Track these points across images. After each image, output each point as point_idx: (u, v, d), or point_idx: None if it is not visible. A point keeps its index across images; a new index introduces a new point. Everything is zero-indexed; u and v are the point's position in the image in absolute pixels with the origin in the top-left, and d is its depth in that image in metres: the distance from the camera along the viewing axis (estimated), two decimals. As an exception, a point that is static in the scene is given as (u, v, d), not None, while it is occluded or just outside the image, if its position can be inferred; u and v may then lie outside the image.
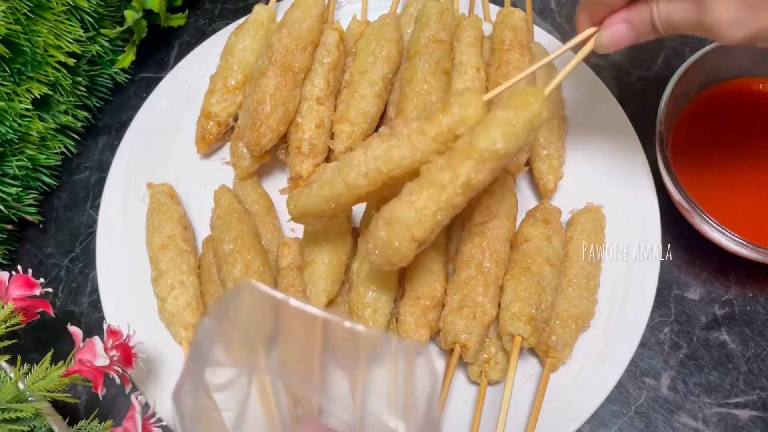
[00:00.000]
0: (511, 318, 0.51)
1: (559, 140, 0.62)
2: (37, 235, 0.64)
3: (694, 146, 0.60)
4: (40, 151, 0.62)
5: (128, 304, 0.58)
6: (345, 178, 0.48)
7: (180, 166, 0.64)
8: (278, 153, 0.63)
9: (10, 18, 0.54)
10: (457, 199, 0.45)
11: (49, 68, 0.59)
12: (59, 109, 0.63)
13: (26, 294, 0.49)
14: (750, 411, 0.55)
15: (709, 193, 0.57)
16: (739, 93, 0.62)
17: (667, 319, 0.58)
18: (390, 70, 0.63)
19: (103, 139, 0.68)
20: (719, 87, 0.62)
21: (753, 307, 0.59)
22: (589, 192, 0.61)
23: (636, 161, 0.62)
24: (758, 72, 0.62)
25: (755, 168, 0.59)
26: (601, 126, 0.64)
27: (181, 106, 0.66)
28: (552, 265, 0.55)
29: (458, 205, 0.46)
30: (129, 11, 0.65)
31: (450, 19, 0.64)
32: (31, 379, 0.45)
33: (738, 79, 0.62)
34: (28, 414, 0.45)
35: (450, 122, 0.46)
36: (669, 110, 0.58)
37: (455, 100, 0.46)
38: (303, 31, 0.62)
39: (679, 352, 0.57)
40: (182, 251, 0.57)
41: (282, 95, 0.60)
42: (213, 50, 0.68)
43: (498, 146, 0.44)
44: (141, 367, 0.52)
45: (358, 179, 0.47)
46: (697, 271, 0.60)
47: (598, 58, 0.70)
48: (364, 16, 0.70)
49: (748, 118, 0.61)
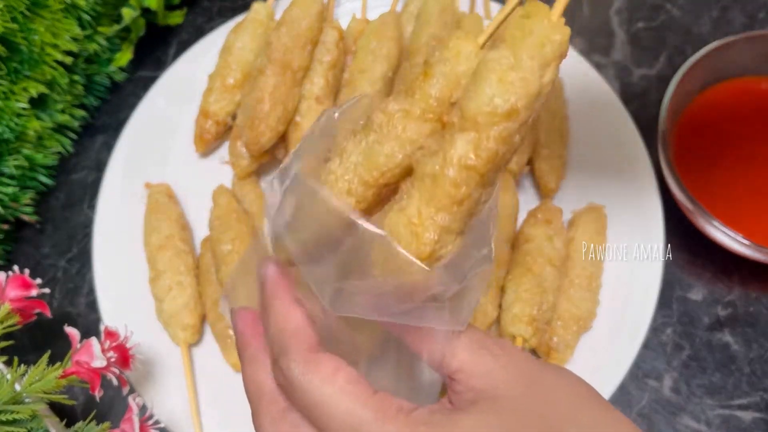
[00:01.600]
0: (513, 319, 0.51)
1: (561, 139, 0.62)
2: (34, 235, 0.63)
3: (698, 145, 0.60)
4: (37, 151, 0.61)
5: (126, 305, 0.57)
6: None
7: (178, 166, 0.64)
8: (277, 152, 0.63)
9: (7, 16, 0.54)
10: (464, 189, 0.30)
11: (46, 67, 0.59)
12: (56, 108, 0.62)
13: (23, 295, 0.48)
14: (753, 413, 0.54)
15: (712, 193, 0.57)
16: (743, 92, 0.61)
17: (669, 320, 0.58)
18: (390, 68, 0.62)
19: (101, 138, 0.67)
20: (723, 86, 0.61)
21: (756, 308, 0.58)
22: (591, 191, 0.61)
23: (638, 160, 0.61)
24: (763, 71, 0.61)
25: (759, 168, 0.59)
26: (603, 125, 0.64)
27: (179, 105, 0.66)
28: (554, 266, 0.54)
29: (473, 197, 0.30)
30: (126, 9, 0.64)
31: (451, 17, 0.64)
32: (28, 381, 0.45)
33: (742, 78, 0.61)
34: (25, 416, 0.44)
35: (438, 89, 0.32)
36: (672, 109, 0.57)
37: (439, 55, 0.32)
38: (302, 30, 0.61)
39: (682, 354, 0.57)
40: (180, 251, 0.56)
41: (281, 94, 0.59)
42: (211, 49, 0.68)
43: (497, 102, 0.29)
44: (138, 369, 0.51)
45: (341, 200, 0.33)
46: (700, 272, 0.59)
47: (601, 56, 0.69)
48: (364, 15, 0.69)
49: (752, 117, 0.61)
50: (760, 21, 0.70)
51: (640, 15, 0.71)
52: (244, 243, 0.55)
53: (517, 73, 0.28)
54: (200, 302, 0.56)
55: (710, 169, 0.58)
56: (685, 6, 0.71)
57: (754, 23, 0.70)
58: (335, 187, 0.33)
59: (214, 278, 0.56)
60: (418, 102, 0.32)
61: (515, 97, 0.29)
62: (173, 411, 0.53)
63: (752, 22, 0.70)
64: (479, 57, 0.31)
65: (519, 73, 0.28)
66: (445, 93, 0.31)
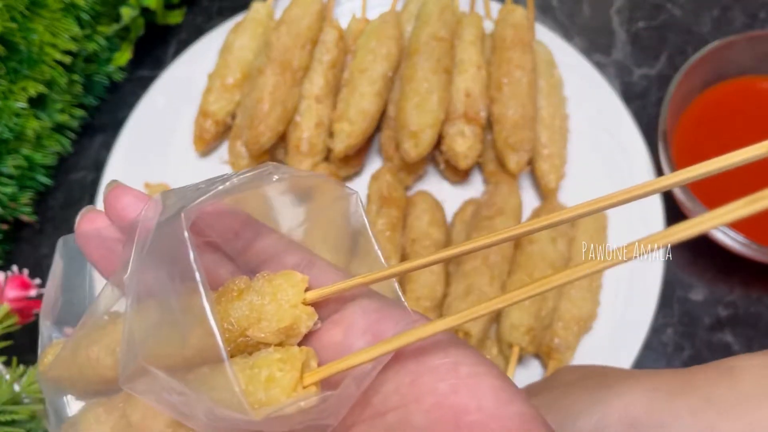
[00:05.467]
0: (510, 328, 0.51)
1: (561, 139, 0.62)
2: (33, 235, 0.63)
3: (698, 145, 0.59)
4: (36, 150, 0.61)
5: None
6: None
7: (177, 166, 0.64)
8: (277, 152, 0.62)
9: (6, 16, 0.54)
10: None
11: (45, 66, 0.59)
12: (55, 107, 0.62)
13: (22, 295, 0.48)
14: (754, 413, 0.54)
15: (713, 193, 0.56)
16: (743, 91, 0.61)
17: (670, 320, 0.58)
18: (390, 68, 0.62)
19: (100, 138, 0.67)
20: (724, 85, 0.61)
21: (757, 309, 0.58)
22: (592, 191, 0.60)
23: (639, 160, 0.61)
24: (763, 71, 0.61)
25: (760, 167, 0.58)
26: (603, 124, 0.63)
27: (178, 105, 0.66)
28: (555, 269, 0.54)
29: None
30: (126, 9, 0.64)
31: (451, 16, 0.64)
32: (27, 381, 0.45)
33: (743, 78, 0.61)
34: (24, 416, 0.44)
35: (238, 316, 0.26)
36: (672, 108, 0.57)
37: (262, 285, 0.26)
38: (302, 29, 0.61)
39: (683, 354, 0.56)
40: (180, 252, 0.56)
41: (281, 94, 0.59)
42: (211, 48, 0.67)
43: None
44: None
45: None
46: (701, 272, 0.59)
47: (601, 56, 0.69)
48: (364, 14, 0.69)
49: (753, 116, 0.61)
50: (761, 21, 0.70)
51: (641, 14, 0.71)
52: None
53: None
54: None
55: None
56: (685, 5, 0.71)
57: (754, 23, 0.70)
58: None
59: (214, 278, 0.56)
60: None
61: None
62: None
63: (753, 22, 0.70)
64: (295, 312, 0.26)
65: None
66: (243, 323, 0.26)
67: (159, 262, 0.25)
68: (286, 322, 0.25)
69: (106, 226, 0.29)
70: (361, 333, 0.25)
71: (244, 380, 0.23)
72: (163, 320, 0.25)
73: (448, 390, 0.24)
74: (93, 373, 0.28)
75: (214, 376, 0.24)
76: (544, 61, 0.64)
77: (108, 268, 0.30)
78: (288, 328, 0.25)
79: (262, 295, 0.25)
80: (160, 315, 0.25)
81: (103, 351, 0.27)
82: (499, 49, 0.62)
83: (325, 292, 0.26)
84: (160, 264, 0.25)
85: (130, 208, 0.28)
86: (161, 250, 0.25)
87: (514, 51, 0.61)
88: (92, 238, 0.30)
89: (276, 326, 0.25)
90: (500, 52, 0.62)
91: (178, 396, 0.23)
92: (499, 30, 0.63)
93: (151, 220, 0.25)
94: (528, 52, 0.62)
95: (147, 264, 0.25)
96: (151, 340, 0.24)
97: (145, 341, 0.24)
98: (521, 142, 0.58)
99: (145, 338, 0.24)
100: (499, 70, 0.61)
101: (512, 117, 0.58)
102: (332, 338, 0.26)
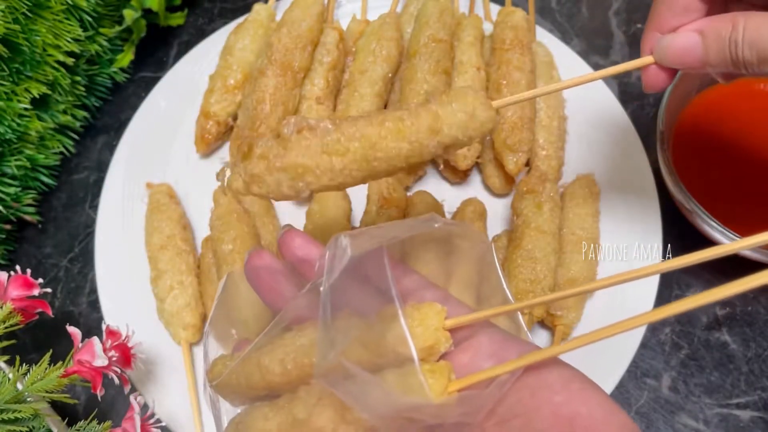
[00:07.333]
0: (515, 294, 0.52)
1: (558, 140, 0.62)
2: (35, 235, 0.64)
3: (696, 146, 0.60)
4: (39, 151, 0.62)
5: (127, 304, 0.57)
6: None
7: (179, 166, 0.64)
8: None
9: (9, 17, 0.54)
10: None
11: (47, 68, 0.59)
12: (58, 108, 0.62)
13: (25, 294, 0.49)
14: (751, 411, 0.55)
15: (710, 193, 0.57)
16: (741, 93, 0.61)
17: (667, 319, 0.58)
18: (390, 69, 0.63)
19: (102, 139, 0.68)
20: (721, 86, 0.61)
21: (754, 308, 0.58)
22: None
23: (637, 161, 0.62)
24: (760, 71, 0.61)
25: (757, 168, 0.59)
26: (601, 126, 0.64)
27: (180, 106, 0.66)
28: (543, 232, 0.55)
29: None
30: (128, 10, 0.65)
31: (450, 18, 0.64)
32: (30, 380, 0.45)
33: (740, 79, 0.62)
34: (27, 414, 0.44)
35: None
36: (670, 110, 0.58)
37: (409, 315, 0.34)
38: (302, 31, 0.62)
39: (680, 353, 0.57)
40: (181, 251, 0.57)
41: (281, 95, 0.60)
42: (212, 49, 0.68)
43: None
44: (140, 368, 0.51)
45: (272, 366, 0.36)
46: (698, 272, 0.60)
47: (599, 57, 0.69)
48: (364, 16, 0.70)
49: (750, 118, 0.61)
50: (758, 22, 0.70)
51: (639, 16, 0.71)
52: (245, 242, 0.55)
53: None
54: (201, 302, 0.56)
55: (708, 169, 0.59)
56: (683, 7, 0.71)
57: (752, 24, 0.70)
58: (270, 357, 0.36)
59: (215, 278, 0.57)
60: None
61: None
62: (174, 410, 0.53)
63: (750, 24, 0.70)
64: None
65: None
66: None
67: (356, 282, 0.33)
68: (430, 342, 0.31)
69: (273, 261, 0.38)
70: (487, 357, 0.31)
71: (401, 386, 0.30)
72: (359, 325, 0.31)
73: (562, 401, 0.30)
74: (260, 379, 0.35)
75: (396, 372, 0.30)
76: (544, 62, 0.65)
77: (271, 297, 0.38)
78: (430, 347, 0.31)
79: (411, 319, 0.31)
80: (357, 322, 0.31)
81: (273, 361, 0.34)
82: (498, 50, 0.62)
83: (461, 320, 0.32)
84: (356, 284, 0.33)
85: (301, 248, 0.37)
86: (357, 273, 0.32)
87: (513, 52, 0.61)
88: (261, 272, 0.38)
89: (422, 344, 0.31)
90: (499, 54, 0.62)
91: (361, 385, 0.30)
92: (499, 32, 0.63)
93: (338, 258, 0.33)
94: (527, 53, 0.62)
95: (344, 284, 0.32)
96: (347, 341, 0.31)
97: (342, 341, 0.31)
98: (519, 143, 0.59)
99: (343, 339, 0.31)
100: (498, 72, 0.61)
101: (511, 118, 0.59)
102: (461, 360, 0.32)
